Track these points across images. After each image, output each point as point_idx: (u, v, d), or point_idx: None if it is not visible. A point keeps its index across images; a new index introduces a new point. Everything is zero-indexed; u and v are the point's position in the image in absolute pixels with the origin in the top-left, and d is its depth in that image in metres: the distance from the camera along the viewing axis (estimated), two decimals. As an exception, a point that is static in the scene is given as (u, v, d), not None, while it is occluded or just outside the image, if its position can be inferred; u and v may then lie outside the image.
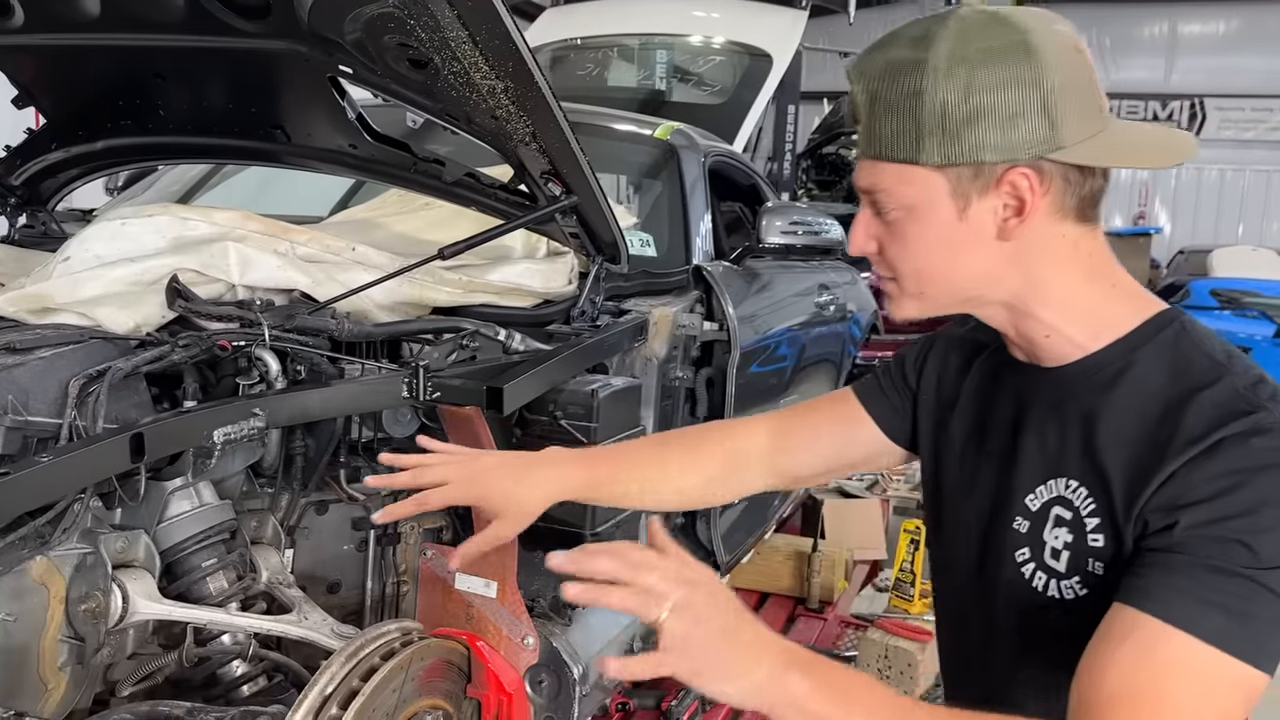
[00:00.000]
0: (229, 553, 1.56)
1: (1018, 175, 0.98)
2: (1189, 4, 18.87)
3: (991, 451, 1.14)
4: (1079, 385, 1.04)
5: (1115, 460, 0.99)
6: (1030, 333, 1.07)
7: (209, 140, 2.29)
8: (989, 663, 1.13)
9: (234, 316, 1.67)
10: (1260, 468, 0.91)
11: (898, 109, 0.98)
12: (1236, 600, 0.89)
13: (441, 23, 1.62)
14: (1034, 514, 1.06)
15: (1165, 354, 1.01)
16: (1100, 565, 0.99)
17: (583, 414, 1.80)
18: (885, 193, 1.02)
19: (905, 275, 1.05)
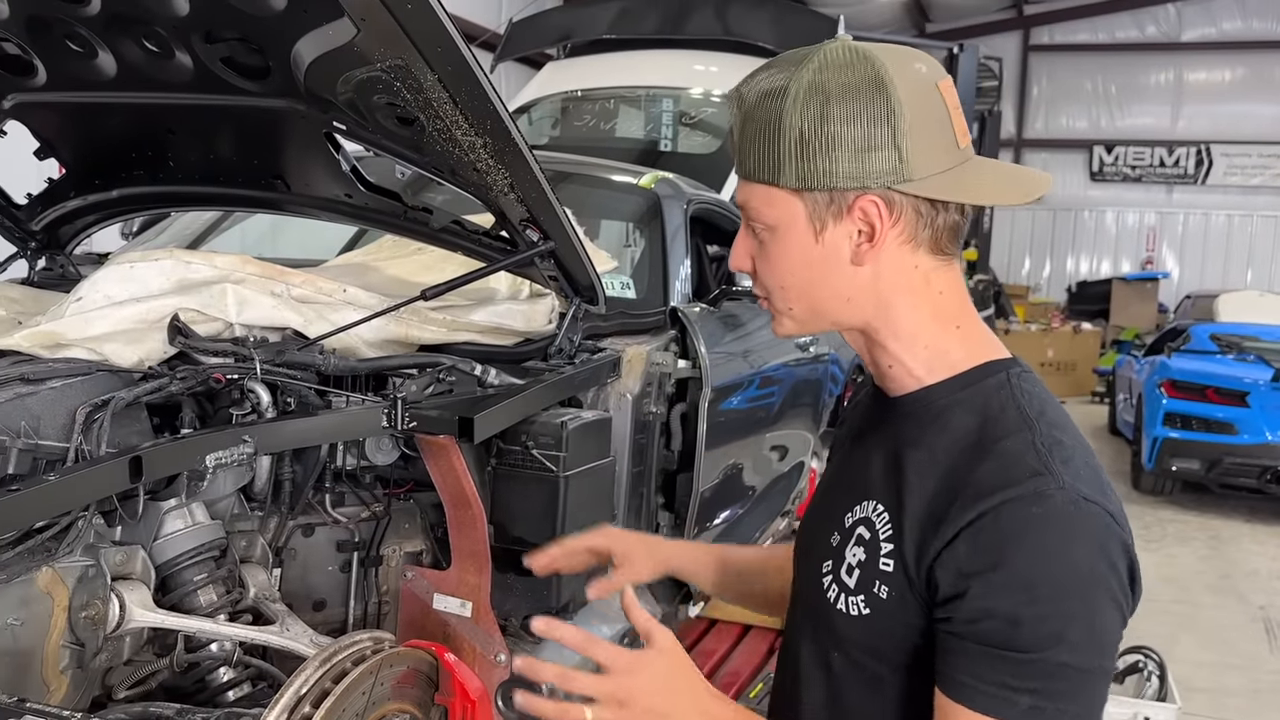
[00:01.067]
0: (219, 569, 1.70)
1: (867, 202, 1.02)
2: (1194, 52, 19.10)
3: (840, 471, 1.21)
4: (905, 417, 1.09)
5: (913, 494, 1.02)
6: (879, 360, 1.11)
7: (215, 189, 2.46)
8: (795, 664, 1.17)
9: (229, 352, 1.82)
10: (1033, 538, 0.94)
11: (762, 133, 1.03)
12: (1036, 679, 0.93)
13: (425, 85, 1.78)
14: (845, 530, 1.09)
15: (983, 401, 1.05)
16: (885, 589, 1.02)
17: (552, 444, 1.94)
18: (755, 211, 1.07)
19: (773, 291, 1.10)
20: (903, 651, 1.03)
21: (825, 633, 1.10)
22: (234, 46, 1.95)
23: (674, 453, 2.61)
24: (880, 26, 18.81)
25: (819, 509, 1.21)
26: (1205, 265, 18.75)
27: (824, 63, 1.01)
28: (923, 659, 1.01)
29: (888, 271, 1.06)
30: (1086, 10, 19.74)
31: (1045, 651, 0.93)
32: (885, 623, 1.03)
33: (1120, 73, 19.30)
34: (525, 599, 1.96)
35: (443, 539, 1.96)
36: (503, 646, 1.89)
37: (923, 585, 1.00)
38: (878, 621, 1.03)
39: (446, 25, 1.64)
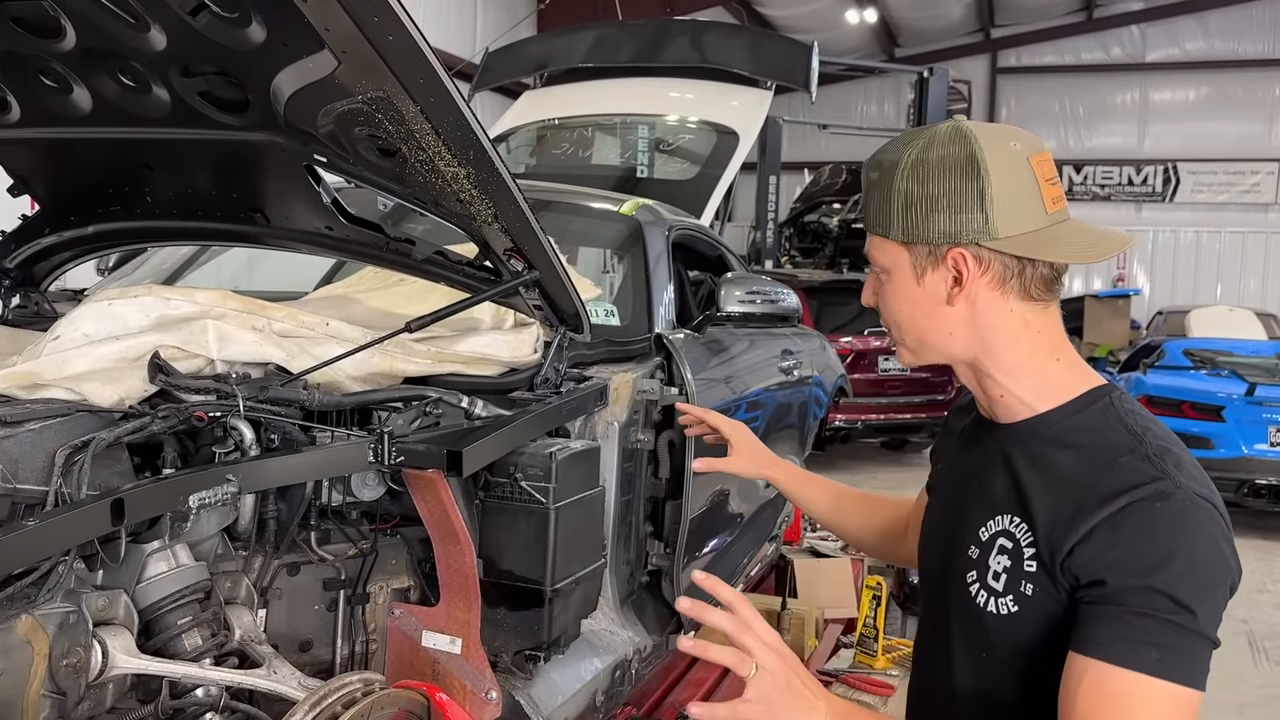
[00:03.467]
0: (203, 611, 1.66)
1: (956, 254, 1.24)
2: (1159, 72, 19.41)
3: (956, 490, 1.38)
4: (1024, 439, 1.27)
5: (1043, 506, 1.21)
6: (989, 391, 1.31)
7: (193, 224, 2.43)
8: (944, 667, 1.35)
9: (211, 389, 1.79)
10: (1163, 528, 1.13)
11: (880, 194, 1.27)
12: (1165, 637, 1.10)
13: (406, 116, 1.76)
14: (983, 544, 1.28)
15: (1094, 422, 1.24)
16: (1031, 588, 1.21)
17: (541, 475, 1.92)
18: (873, 258, 1.31)
19: (890, 325, 1.34)
20: (1047, 642, 1.20)
21: (975, 635, 1.28)
22: (212, 80, 1.93)
23: (662, 480, 2.59)
24: (851, 51, 19.02)
25: (940, 530, 1.40)
26: (1176, 281, 18.99)
27: (930, 140, 1.25)
28: (1061, 646, 1.18)
29: (983, 313, 1.26)
30: (1052, 33, 20.05)
31: (1170, 616, 1.10)
32: (1031, 615, 1.21)
33: (1087, 93, 19.59)
34: (516, 634, 1.93)
35: (431, 574, 1.93)
36: (494, 683, 1.86)
37: (1063, 579, 1.17)
38: (1025, 615, 1.22)
39: (428, 56, 1.63)
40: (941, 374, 9.85)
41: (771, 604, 3.51)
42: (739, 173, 4.62)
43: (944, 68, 12.75)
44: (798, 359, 3.71)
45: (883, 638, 2.93)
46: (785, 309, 3.01)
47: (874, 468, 10.05)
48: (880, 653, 2.89)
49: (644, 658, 2.48)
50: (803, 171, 19.16)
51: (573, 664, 2.15)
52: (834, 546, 4.50)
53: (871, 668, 2.87)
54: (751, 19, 16.57)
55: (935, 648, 1.37)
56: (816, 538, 4.58)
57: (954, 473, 1.42)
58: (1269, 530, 7.88)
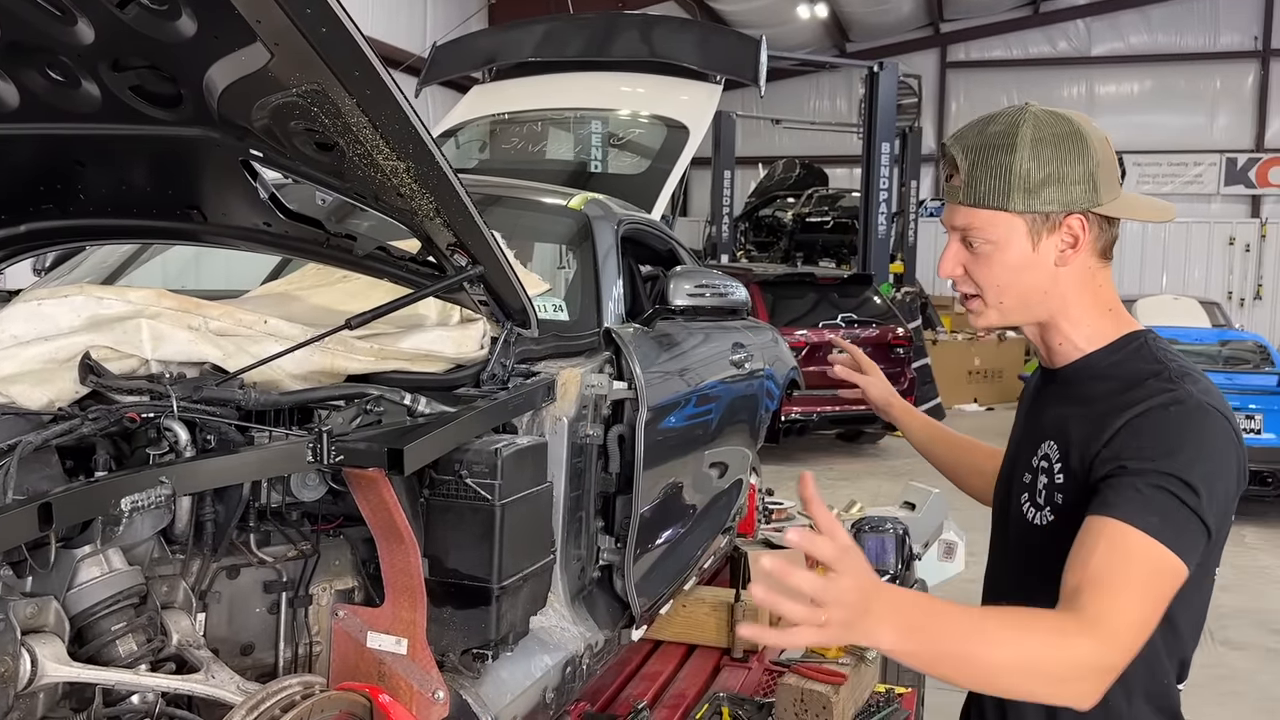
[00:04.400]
0: (138, 616, 1.62)
1: (1075, 220, 1.42)
2: (1104, 66, 19.75)
3: (1020, 434, 1.60)
4: (1072, 378, 1.49)
5: (1077, 426, 1.42)
6: (1050, 340, 1.50)
7: (129, 222, 2.38)
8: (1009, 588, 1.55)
9: (144, 390, 1.75)
10: (1175, 424, 1.33)
11: (993, 173, 1.41)
12: (1167, 508, 1.27)
13: (343, 110, 1.73)
14: (1033, 468, 1.49)
15: (1128, 358, 1.45)
16: (1061, 498, 1.42)
17: (487, 472, 1.90)
18: (978, 230, 1.44)
19: (987, 289, 1.47)
20: None
21: (1025, 550, 1.49)
22: (143, 74, 1.89)
23: (612, 475, 2.57)
24: (802, 46, 19.13)
25: (1006, 467, 1.62)
26: (1122, 271, 19.30)
27: (1037, 121, 1.41)
28: None
29: (1074, 272, 1.45)
30: (1000, 27, 20.31)
31: (1176, 490, 1.28)
32: (1066, 522, 1.37)
33: (1034, 87, 19.85)
34: (463, 633, 1.91)
35: (375, 575, 1.90)
36: (440, 683, 1.84)
37: (1087, 480, 1.36)
38: (1058, 524, 1.40)
39: (364, 48, 1.60)
40: (895, 365, 9.93)
41: (726, 596, 3.52)
42: (694, 167, 4.64)
43: (894, 62, 12.86)
44: (749, 352, 3.71)
45: (834, 628, 2.95)
46: (734, 302, 3.01)
47: (830, 459, 10.12)
48: (832, 642, 2.91)
49: (596, 653, 2.47)
50: (757, 166, 19.27)
51: (522, 661, 2.13)
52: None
53: (824, 657, 2.89)
54: (704, 14, 16.60)
55: (999, 573, 1.60)
56: (770, 529, 4.60)
57: (1021, 420, 1.63)
58: (1214, 514, 8.04)
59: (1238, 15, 19.19)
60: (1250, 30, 19.16)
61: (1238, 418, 6.29)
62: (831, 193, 17.30)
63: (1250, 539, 7.47)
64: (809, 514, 1.24)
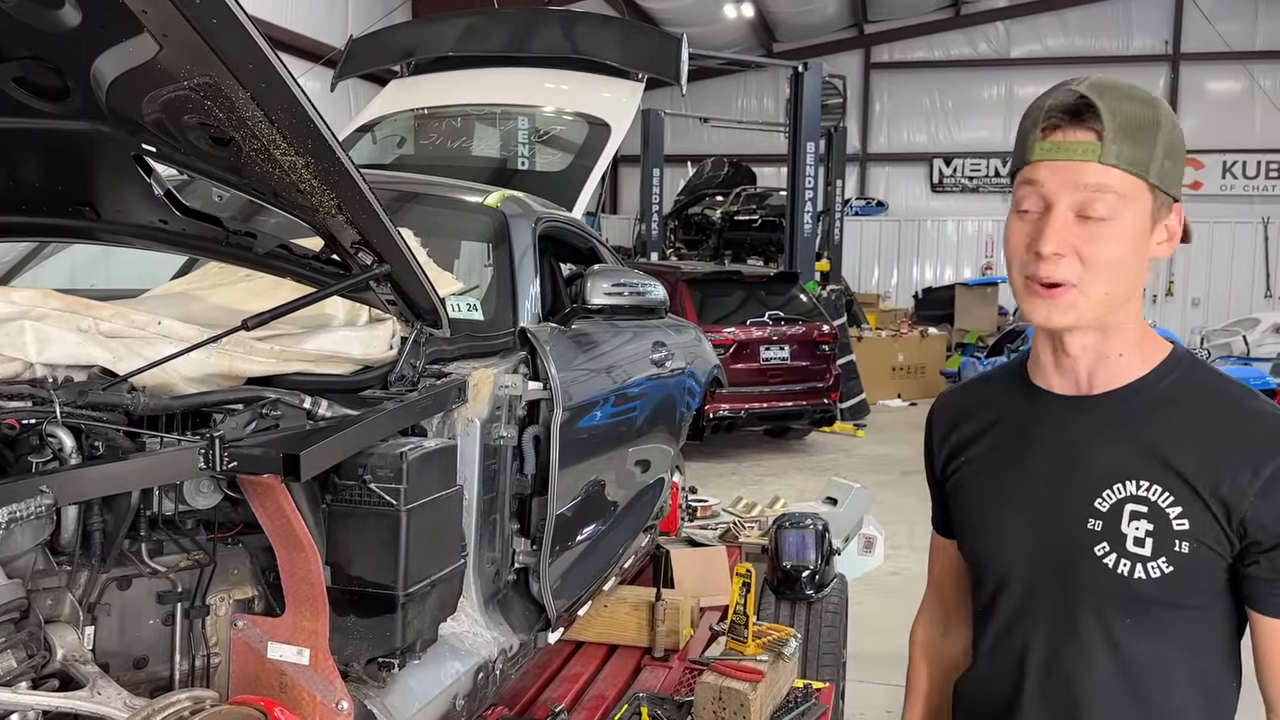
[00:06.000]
0: (18, 631, 1.54)
1: (1180, 208, 1.28)
2: (1023, 67, 20.20)
3: (1036, 469, 1.34)
4: (1127, 406, 1.29)
5: (1188, 462, 1.24)
6: (1108, 351, 1.30)
7: (17, 219, 2.27)
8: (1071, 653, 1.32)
9: (26, 395, 1.67)
10: None
11: (1141, 137, 1.22)
12: None
13: (237, 104, 1.68)
14: (1105, 514, 1.27)
15: (1193, 379, 1.30)
16: (1186, 545, 1.24)
17: (391, 476, 1.85)
18: (1108, 195, 1.22)
19: (1102, 271, 1.23)
20: (1201, 593, 1.26)
21: (1114, 604, 1.27)
22: (27, 65, 1.81)
23: (528, 476, 2.54)
24: (728, 45, 19.24)
25: (1031, 515, 1.34)
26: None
27: (1157, 95, 1.27)
28: (1214, 594, 1.26)
29: (1141, 271, 1.28)
30: (922, 29, 20.67)
31: None
32: (1189, 571, 1.24)
33: (956, 88, 20.27)
34: (367, 642, 1.87)
35: (275, 584, 1.84)
36: (344, 693, 1.79)
37: (1235, 533, 1.22)
38: (1181, 573, 1.24)
39: (257, 40, 1.55)
40: (821, 362, 10.04)
41: (648, 595, 3.51)
42: (623, 165, 4.64)
43: (818, 63, 12.99)
44: (670, 351, 3.71)
45: (753, 624, 2.95)
46: (652, 301, 3.00)
47: (757, 455, 10.19)
48: (751, 639, 2.91)
49: (510, 657, 2.44)
50: (686, 164, 19.33)
51: (430, 669, 2.09)
52: (711, 536, 4.52)
53: (742, 654, 2.89)
54: (631, 12, 16.60)
55: (1046, 632, 1.33)
56: (694, 527, 4.61)
57: (1016, 457, 1.36)
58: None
59: (1149, 20, 19.80)
60: (1161, 34, 19.78)
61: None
62: (759, 191, 17.43)
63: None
64: None
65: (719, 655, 3.02)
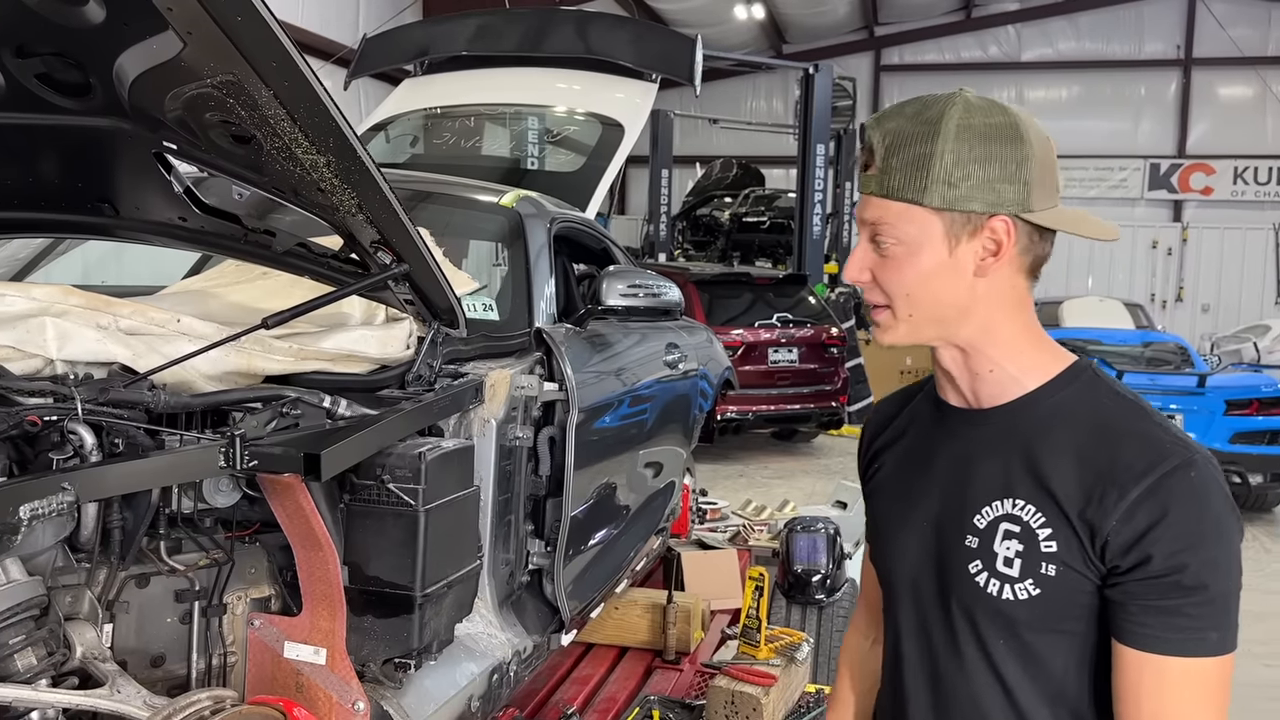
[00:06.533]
0: (39, 629, 1.54)
1: (999, 222, 1.20)
2: (1034, 71, 20.15)
3: (933, 483, 1.32)
4: (1017, 421, 1.25)
5: (1061, 483, 1.19)
6: (977, 368, 1.27)
7: (36, 215, 2.28)
8: (952, 669, 1.29)
9: (47, 391, 1.67)
10: (1198, 499, 1.15)
11: (911, 161, 1.20)
12: (1218, 615, 1.14)
13: (259, 101, 1.67)
14: (982, 531, 1.24)
15: (1087, 395, 1.24)
16: (1052, 568, 1.20)
17: (410, 476, 1.85)
18: (889, 226, 1.22)
19: (897, 299, 1.24)
20: (1070, 617, 1.21)
21: (987, 624, 1.25)
22: (50, 62, 1.81)
23: (542, 478, 2.54)
24: (739, 47, 19.21)
25: (917, 528, 1.32)
26: (1049, 273, 19.37)
27: (967, 107, 1.21)
28: (1088, 619, 1.21)
29: (996, 287, 1.23)
30: (933, 31, 20.62)
31: (1214, 586, 1.14)
32: (1056, 595, 1.20)
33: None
34: (384, 642, 1.86)
35: (293, 583, 1.84)
36: (360, 694, 1.79)
37: (1097, 557, 1.17)
38: (1048, 596, 1.20)
39: (280, 38, 1.55)
40: (829, 365, 10.02)
41: (659, 598, 3.50)
42: (632, 166, 4.62)
43: (829, 64, 12.97)
44: (683, 352, 3.70)
45: (765, 628, 2.94)
46: (667, 302, 2.99)
47: (765, 457, 10.17)
48: (763, 643, 2.90)
49: (524, 659, 2.43)
50: (695, 165, 19.32)
51: (446, 670, 2.09)
52: (721, 538, 4.52)
53: (754, 658, 2.88)
54: (642, 12, 16.59)
55: (932, 647, 1.31)
56: (704, 529, 4.60)
57: (919, 465, 1.35)
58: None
59: (1161, 25, 19.73)
60: (1173, 39, 19.71)
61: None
62: (768, 193, 17.40)
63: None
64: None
65: (731, 659, 3.01)
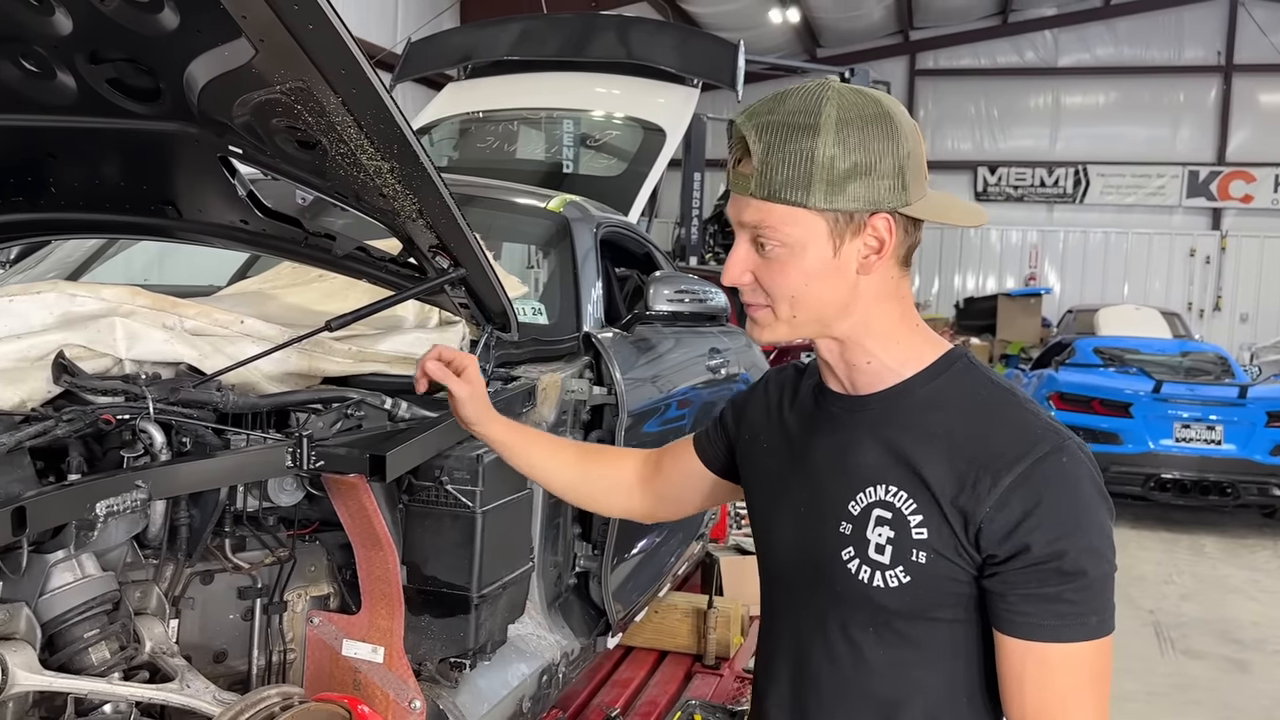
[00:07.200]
0: (111, 623, 1.58)
1: (881, 220, 1.18)
2: (1070, 76, 19.96)
3: (811, 468, 1.30)
4: (892, 409, 1.24)
5: (933, 470, 1.18)
6: (854, 359, 1.25)
7: (101, 216, 2.33)
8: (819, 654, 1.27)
9: (119, 390, 1.70)
10: (1069, 484, 1.14)
11: (791, 160, 1.15)
12: (1097, 598, 1.14)
13: (327, 108, 1.70)
14: (855, 518, 1.22)
15: (961, 382, 1.23)
16: (923, 555, 1.17)
17: (468, 479, 1.87)
18: (771, 229, 1.18)
19: (780, 301, 1.21)
20: (944, 605, 1.19)
21: (857, 610, 1.23)
22: (121, 67, 1.85)
23: (589, 481, 2.55)
24: (773, 50, 19.17)
25: (793, 511, 1.30)
26: (1085, 280, 19.56)
27: (841, 102, 1.16)
28: (965, 607, 1.19)
29: (876, 282, 1.22)
30: (968, 36, 20.48)
31: (1093, 571, 1.13)
32: (927, 582, 1.18)
33: (1002, 96, 20.06)
34: (441, 642, 1.89)
35: (351, 581, 1.87)
36: (417, 692, 1.81)
37: (971, 545, 1.15)
38: (919, 584, 1.18)
39: (350, 46, 1.58)
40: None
41: (698, 602, 3.51)
42: (665, 169, 4.61)
43: (864, 69, 12.93)
44: (725, 357, 3.71)
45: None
46: (713, 308, 3.01)
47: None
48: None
49: (571, 661, 2.46)
50: (726, 168, 19.32)
51: (499, 670, 2.11)
52: (759, 543, 4.51)
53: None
54: (676, 16, 16.60)
55: (798, 631, 1.29)
56: (742, 534, 4.60)
57: (799, 449, 1.32)
58: (1173, 523, 8.16)
59: (1202, 30, 19.49)
60: (1214, 45, 19.46)
61: (1200, 428, 6.34)
62: (800, 197, 17.33)
63: (1210, 548, 7.59)
64: None
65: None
